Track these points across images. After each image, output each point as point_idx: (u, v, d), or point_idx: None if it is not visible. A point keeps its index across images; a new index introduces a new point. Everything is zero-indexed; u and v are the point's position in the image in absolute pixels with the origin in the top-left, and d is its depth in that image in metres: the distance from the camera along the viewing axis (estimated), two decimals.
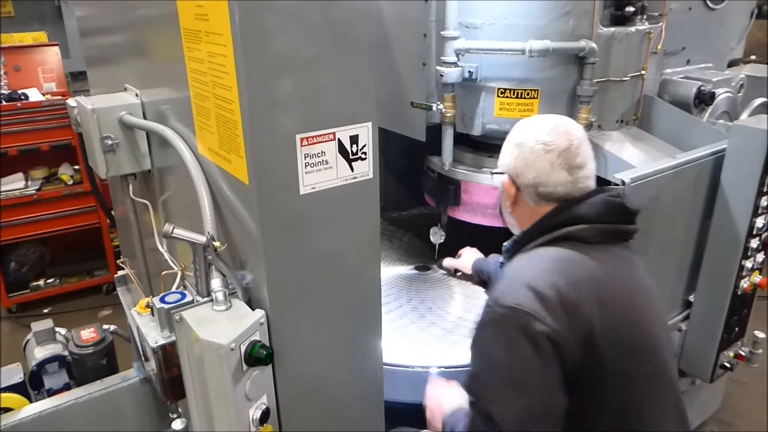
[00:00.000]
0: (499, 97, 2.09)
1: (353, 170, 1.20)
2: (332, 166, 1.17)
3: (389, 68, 2.30)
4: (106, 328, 2.18)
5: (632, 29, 2.12)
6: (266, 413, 1.22)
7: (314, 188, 1.16)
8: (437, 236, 2.46)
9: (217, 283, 1.22)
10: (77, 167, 3.93)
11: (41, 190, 3.82)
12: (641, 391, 1.33)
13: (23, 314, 3.99)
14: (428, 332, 2.03)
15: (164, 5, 1.31)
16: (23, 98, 3.74)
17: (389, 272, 2.45)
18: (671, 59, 2.46)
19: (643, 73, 2.20)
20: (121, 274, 2.62)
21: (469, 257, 2.33)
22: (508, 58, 2.00)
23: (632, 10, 2.09)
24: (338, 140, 1.16)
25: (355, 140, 1.18)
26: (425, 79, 2.21)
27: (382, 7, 2.24)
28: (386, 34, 2.28)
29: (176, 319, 1.21)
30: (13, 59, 4.12)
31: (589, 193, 1.40)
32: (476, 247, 2.36)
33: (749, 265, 2.17)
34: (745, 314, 2.32)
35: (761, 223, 2.09)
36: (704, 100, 2.35)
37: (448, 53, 2.04)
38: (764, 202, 2.05)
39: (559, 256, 1.33)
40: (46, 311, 4.01)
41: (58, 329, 2.31)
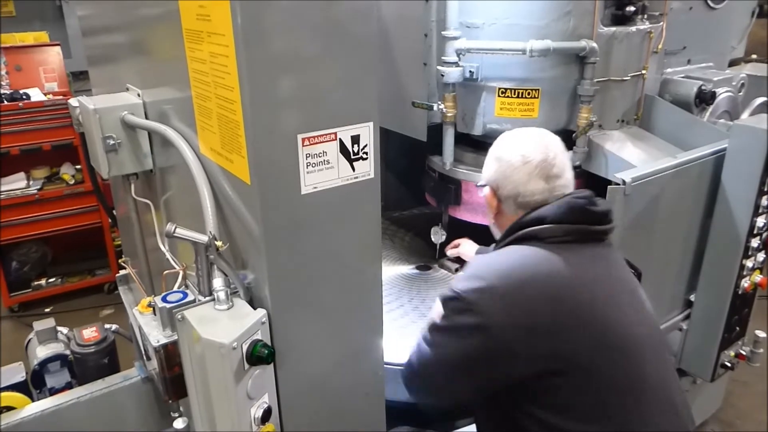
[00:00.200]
0: (499, 96, 2.09)
1: (354, 170, 1.20)
2: (333, 165, 1.17)
3: (390, 68, 2.31)
4: (107, 327, 2.19)
5: (633, 29, 2.12)
6: (268, 412, 1.22)
7: (316, 188, 1.16)
8: (438, 236, 2.46)
9: (218, 282, 1.22)
10: (79, 167, 3.93)
11: (43, 189, 3.81)
12: (610, 390, 1.32)
13: (25, 313, 4.00)
14: None
15: (166, 5, 1.31)
16: (25, 98, 3.73)
17: (390, 272, 2.45)
18: (672, 59, 2.46)
19: (643, 72, 2.20)
20: (122, 273, 2.62)
21: (470, 248, 2.33)
22: (508, 57, 2.01)
23: (633, 9, 2.09)
24: (339, 140, 1.16)
25: (356, 140, 1.18)
26: (426, 78, 2.21)
27: (383, 7, 2.24)
28: (387, 34, 2.29)
29: (178, 318, 1.22)
30: (14, 59, 4.12)
31: (559, 197, 1.45)
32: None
33: (750, 264, 2.17)
34: (745, 313, 2.32)
35: (762, 222, 2.09)
36: (705, 99, 2.35)
37: (449, 53, 2.04)
38: (765, 201, 2.05)
39: (519, 252, 1.39)
40: (47, 310, 4.01)
41: (59, 328, 2.32)
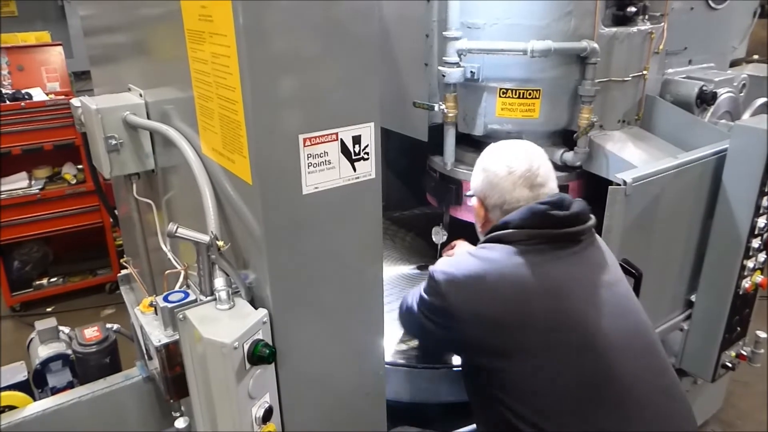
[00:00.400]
0: (500, 97, 2.09)
1: (356, 170, 1.20)
2: (335, 166, 1.17)
3: (391, 68, 2.31)
4: (109, 326, 2.19)
5: (634, 29, 2.12)
6: (269, 412, 1.22)
7: (317, 188, 1.16)
8: (439, 236, 2.45)
9: (220, 282, 1.22)
10: (80, 167, 3.94)
11: (44, 189, 3.82)
12: (569, 385, 1.35)
13: (27, 313, 4.00)
14: None
15: (168, 5, 1.31)
16: (27, 98, 3.74)
17: (391, 272, 2.45)
18: (673, 59, 2.46)
19: (644, 73, 2.20)
20: (124, 273, 2.63)
21: (466, 248, 2.33)
22: (509, 58, 2.01)
23: (634, 10, 2.09)
24: (341, 140, 1.16)
25: (357, 140, 1.18)
26: (427, 79, 2.22)
27: (384, 7, 2.25)
28: (388, 34, 2.29)
29: (179, 317, 1.22)
30: (16, 59, 4.13)
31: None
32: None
33: (751, 264, 2.17)
34: (746, 314, 2.32)
35: (763, 222, 2.09)
36: (706, 100, 2.34)
37: (450, 53, 2.04)
38: (766, 201, 2.05)
39: (484, 252, 1.49)
40: (49, 310, 4.02)
41: (61, 328, 2.32)
